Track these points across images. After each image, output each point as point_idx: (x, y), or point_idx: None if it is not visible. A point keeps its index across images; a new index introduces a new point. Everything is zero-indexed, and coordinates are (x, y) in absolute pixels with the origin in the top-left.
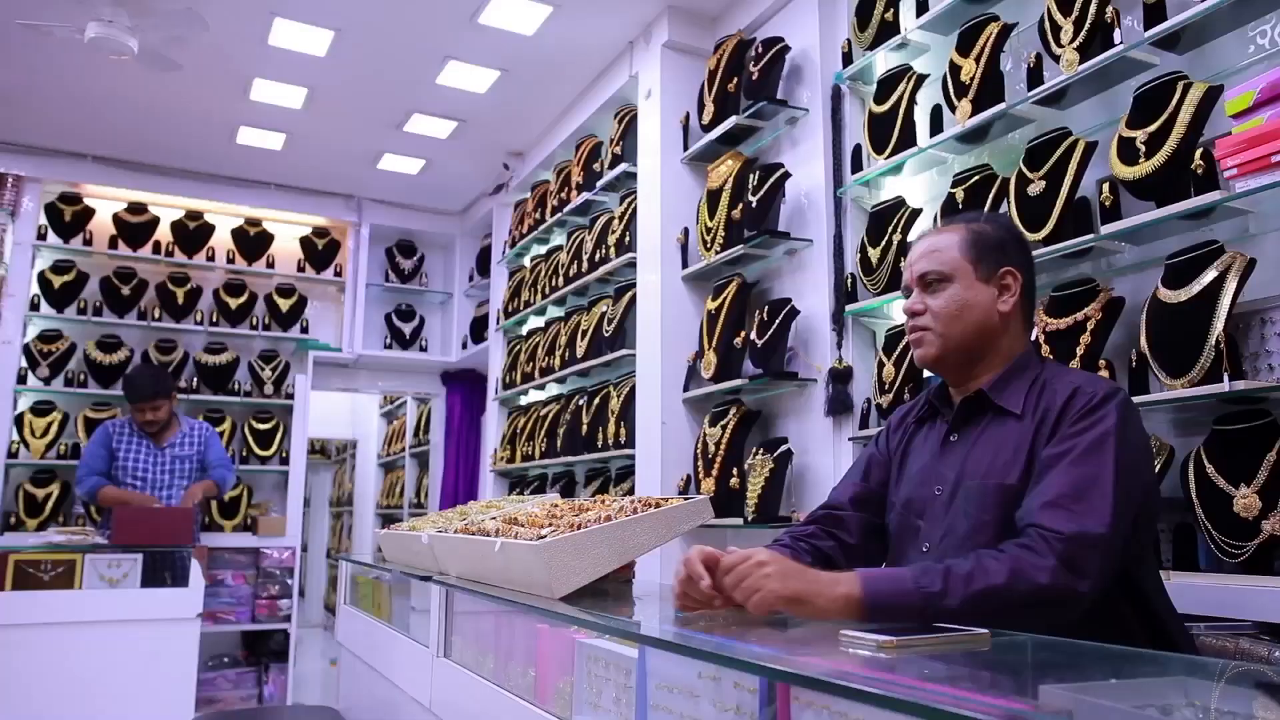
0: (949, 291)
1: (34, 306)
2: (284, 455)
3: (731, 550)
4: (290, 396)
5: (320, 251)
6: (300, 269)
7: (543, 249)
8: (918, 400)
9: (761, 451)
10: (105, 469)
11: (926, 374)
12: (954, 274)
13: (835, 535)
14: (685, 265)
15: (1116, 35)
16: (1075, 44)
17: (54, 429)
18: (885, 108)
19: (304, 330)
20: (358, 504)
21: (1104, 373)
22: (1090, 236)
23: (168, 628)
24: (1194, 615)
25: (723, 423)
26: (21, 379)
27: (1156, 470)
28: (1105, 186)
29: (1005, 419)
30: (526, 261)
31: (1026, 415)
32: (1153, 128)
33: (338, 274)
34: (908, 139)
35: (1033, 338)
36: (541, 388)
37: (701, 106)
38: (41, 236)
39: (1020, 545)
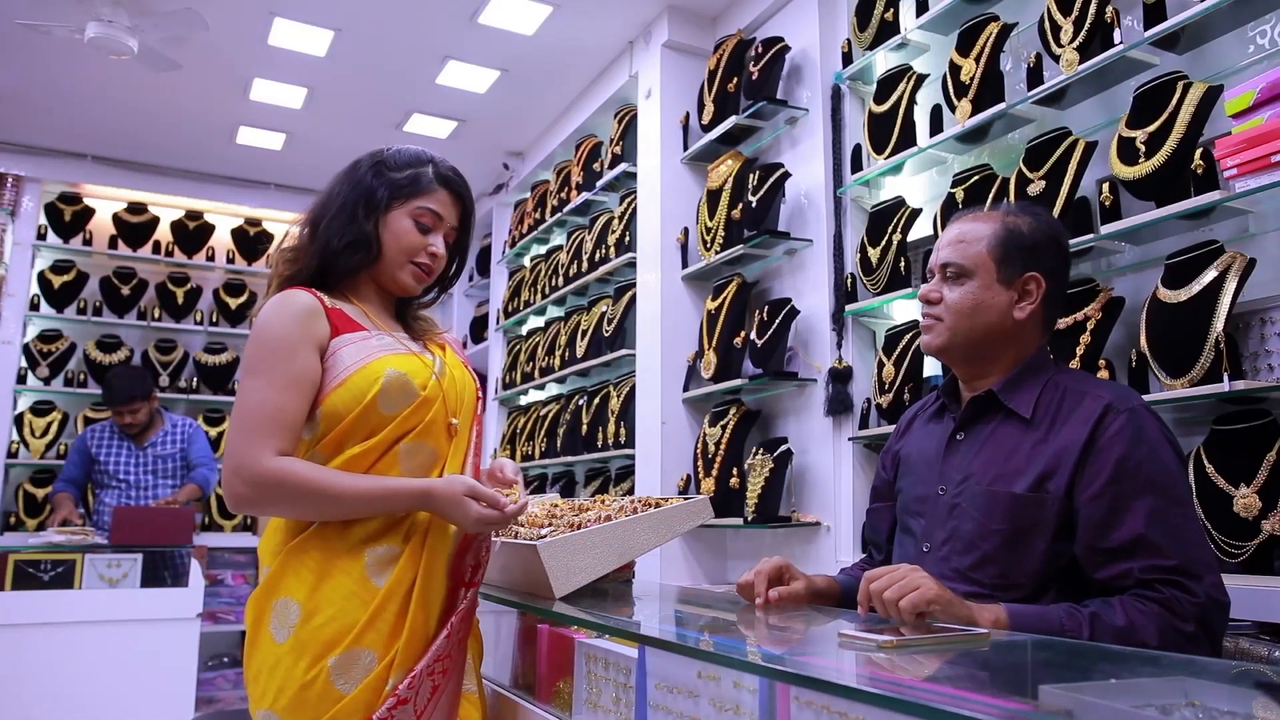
0: (966, 288)
1: (34, 306)
2: None
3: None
4: None
5: None
6: None
7: (543, 249)
8: (925, 401)
9: (761, 451)
10: (79, 476)
11: (926, 374)
12: (975, 270)
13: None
14: (685, 265)
15: (1116, 35)
16: (1075, 44)
17: (54, 429)
18: (885, 107)
19: None
20: None
21: (1104, 373)
22: (1090, 236)
23: (167, 628)
24: None
25: (722, 423)
26: (21, 379)
27: None
28: (1105, 186)
29: (1014, 422)
30: (526, 261)
31: (1039, 421)
32: (1152, 128)
33: None
34: (908, 139)
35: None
36: (541, 388)
37: (701, 106)
38: (41, 236)
39: (1160, 604)
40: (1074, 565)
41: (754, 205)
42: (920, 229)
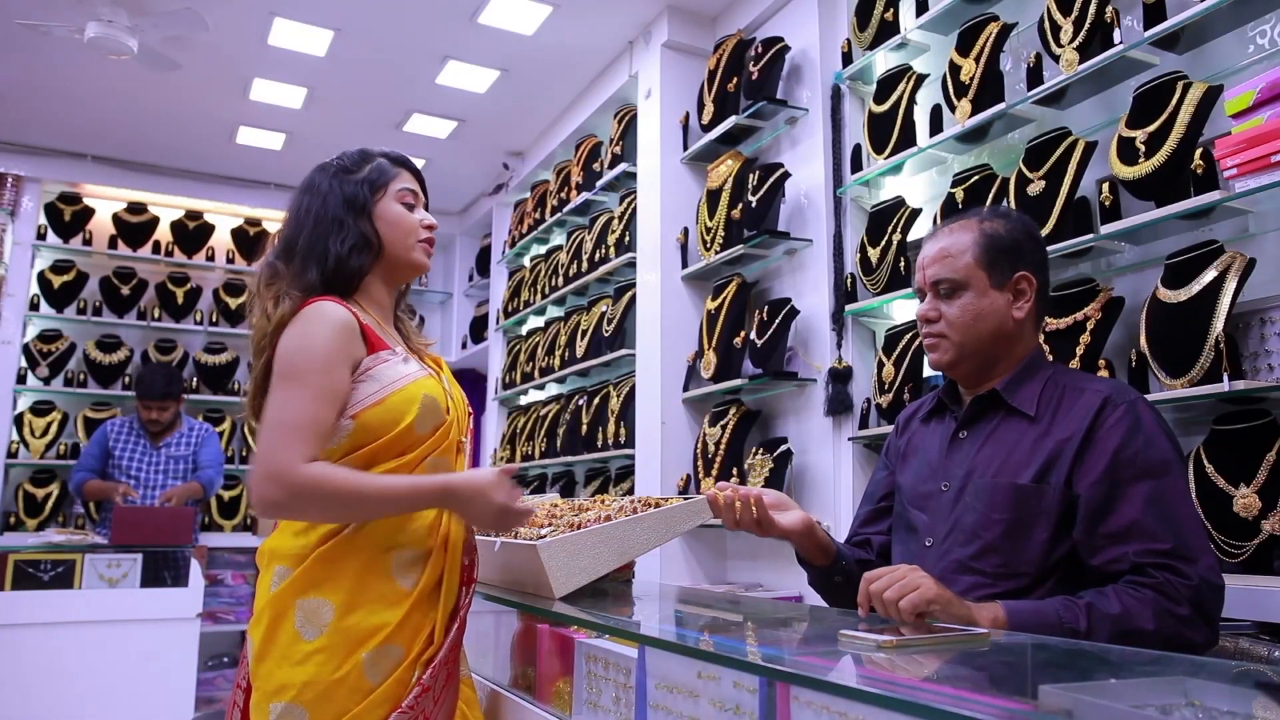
0: (963, 300)
1: (34, 306)
2: None
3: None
4: None
5: None
6: None
7: (542, 249)
8: (924, 400)
9: (761, 451)
10: (98, 467)
11: (926, 374)
12: (968, 282)
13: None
14: (685, 265)
15: (1116, 35)
16: (1075, 44)
17: (54, 429)
18: (885, 107)
19: None
20: None
21: (1103, 373)
22: (1090, 236)
23: (167, 627)
24: None
25: (722, 423)
26: (21, 379)
27: None
28: (1105, 186)
29: (1017, 419)
30: (526, 261)
31: (1041, 417)
32: (1152, 127)
33: None
34: (907, 139)
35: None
36: (541, 387)
37: (701, 106)
38: (41, 236)
39: (1153, 588)
40: (1074, 556)
41: (754, 205)
42: (920, 229)
